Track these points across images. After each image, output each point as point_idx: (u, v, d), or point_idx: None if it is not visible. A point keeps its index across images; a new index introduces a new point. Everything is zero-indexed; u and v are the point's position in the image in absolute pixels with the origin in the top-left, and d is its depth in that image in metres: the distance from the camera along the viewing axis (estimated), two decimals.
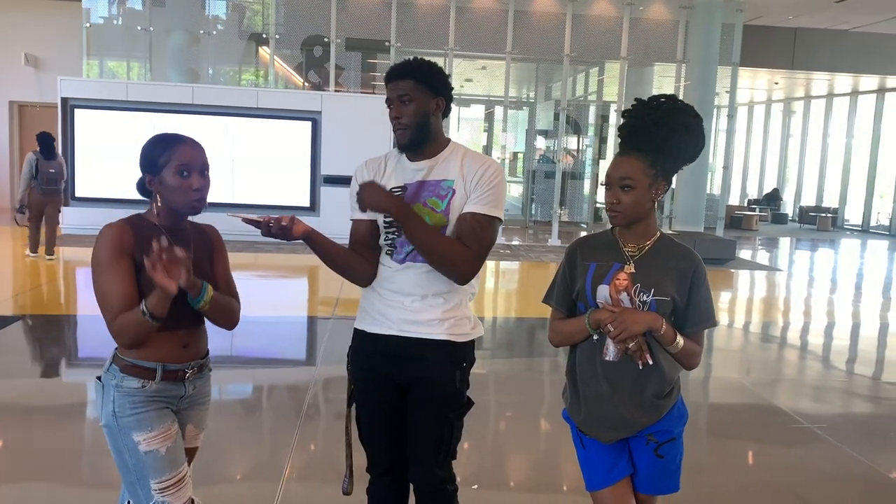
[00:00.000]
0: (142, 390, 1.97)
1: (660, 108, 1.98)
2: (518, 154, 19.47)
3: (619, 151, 2.04)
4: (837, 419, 4.84)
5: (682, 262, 2.04)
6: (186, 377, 2.05)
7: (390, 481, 2.32)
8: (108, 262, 1.92)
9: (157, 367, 1.99)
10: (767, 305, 9.02)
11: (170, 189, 1.98)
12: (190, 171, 1.98)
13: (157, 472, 1.96)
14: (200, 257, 2.08)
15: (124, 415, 1.96)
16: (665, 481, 2.13)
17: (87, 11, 12.97)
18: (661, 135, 1.95)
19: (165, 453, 1.97)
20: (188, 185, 1.98)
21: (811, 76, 18.46)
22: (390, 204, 2.09)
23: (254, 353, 5.72)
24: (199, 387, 2.13)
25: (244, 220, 2.04)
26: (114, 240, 1.93)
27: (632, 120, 2.01)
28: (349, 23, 13.06)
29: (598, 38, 13.71)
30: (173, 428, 2.02)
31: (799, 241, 16.87)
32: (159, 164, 1.98)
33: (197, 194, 2.00)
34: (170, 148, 1.99)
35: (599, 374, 2.04)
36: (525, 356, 6.36)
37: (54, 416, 4.24)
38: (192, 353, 2.07)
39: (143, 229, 1.99)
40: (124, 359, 1.98)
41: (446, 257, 2.10)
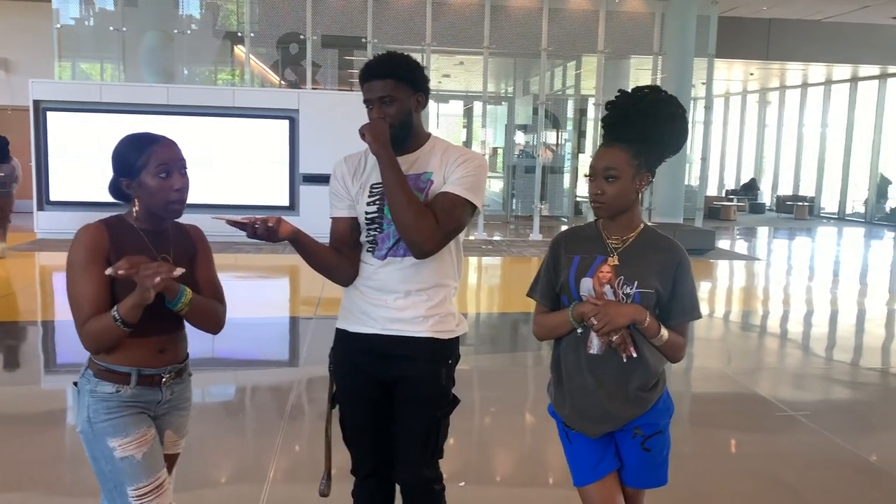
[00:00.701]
0: (116, 395, 1.93)
1: (644, 99, 1.98)
2: (498, 149, 19.49)
3: (603, 142, 2.03)
4: (819, 406, 4.88)
5: (666, 254, 2.03)
6: (163, 382, 2.01)
7: (376, 483, 2.29)
8: (81, 265, 1.87)
9: (132, 371, 1.94)
10: (747, 295, 9.09)
11: (150, 192, 1.93)
12: (170, 172, 1.94)
13: (134, 478, 1.91)
14: (182, 260, 2.03)
15: (99, 420, 1.92)
16: (652, 475, 2.12)
17: (57, 12, 12.75)
18: (646, 125, 1.95)
19: (142, 459, 1.92)
20: (169, 185, 1.94)
21: (785, 66, 18.64)
22: (383, 146, 2.06)
23: (236, 354, 5.67)
24: (178, 392, 2.08)
25: (228, 223, 1.98)
26: (88, 242, 1.89)
27: (616, 111, 2.00)
28: (325, 19, 12.97)
29: (575, 32, 13.73)
30: (150, 433, 1.97)
31: (777, 230, 17.03)
32: (137, 167, 1.93)
33: (178, 194, 1.95)
34: (147, 149, 1.94)
35: (584, 367, 2.03)
36: (509, 351, 6.36)
37: (35, 423, 4.17)
38: (170, 357, 2.02)
39: (120, 231, 1.95)
40: (99, 363, 1.94)
41: (413, 222, 2.04)
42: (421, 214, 2.05)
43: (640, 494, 2.16)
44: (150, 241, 1.98)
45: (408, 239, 2.08)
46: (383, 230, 2.15)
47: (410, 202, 2.05)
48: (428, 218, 2.06)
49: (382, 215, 2.15)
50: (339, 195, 2.24)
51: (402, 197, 2.05)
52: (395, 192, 2.06)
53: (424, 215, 2.06)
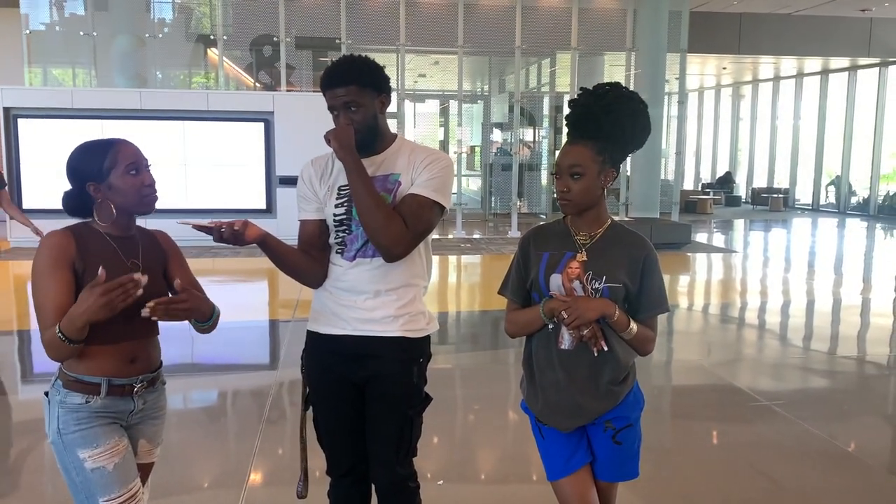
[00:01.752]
0: (86, 406, 1.91)
1: (606, 96, 2.00)
2: (475, 147, 19.51)
3: (568, 140, 2.05)
4: (794, 395, 4.95)
5: (633, 249, 2.06)
6: (135, 392, 1.98)
7: (351, 482, 2.30)
8: (46, 272, 1.85)
9: (101, 381, 1.91)
10: (724, 287, 9.19)
11: (121, 191, 1.94)
12: (139, 169, 1.97)
13: (105, 489, 1.89)
14: (153, 265, 2.02)
15: (68, 431, 1.90)
16: (624, 468, 2.15)
17: (26, 17, 12.61)
18: (609, 121, 1.97)
19: (113, 470, 1.90)
20: (140, 181, 1.96)
21: (758, 60, 18.85)
22: (349, 151, 2.06)
23: (214, 359, 5.63)
24: (151, 401, 2.06)
25: (195, 227, 1.98)
26: (54, 248, 1.87)
27: (579, 108, 2.03)
28: (298, 21, 12.91)
29: (549, 30, 13.79)
30: (121, 444, 1.95)
31: (752, 222, 17.23)
32: (105, 170, 1.93)
33: (149, 189, 1.98)
34: (111, 150, 1.95)
35: (555, 362, 2.05)
36: (489, 349, 6.37)
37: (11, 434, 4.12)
38: (142, 366, 2.00)
39: (87, 238, 1.93)
40: (68, 374, 1.92)
41: (382, 226, 2.05)
42: (389, 218, 2.06)
43: (613, 488, 2.19)
44: (119, 247, 1.97)
45: (377, 243, 2.08)
46: (352, 231, 2.16)
47: (378, 207, 2.06)
48: (396, 221, 2.07)
49: (351, 217, 2.15)
50: (306, 198, 2.24)
51: (369, 202, 2.06)
52: (363, 198, 2.07)
53: (393, 219, 2.06)
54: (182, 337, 5.86)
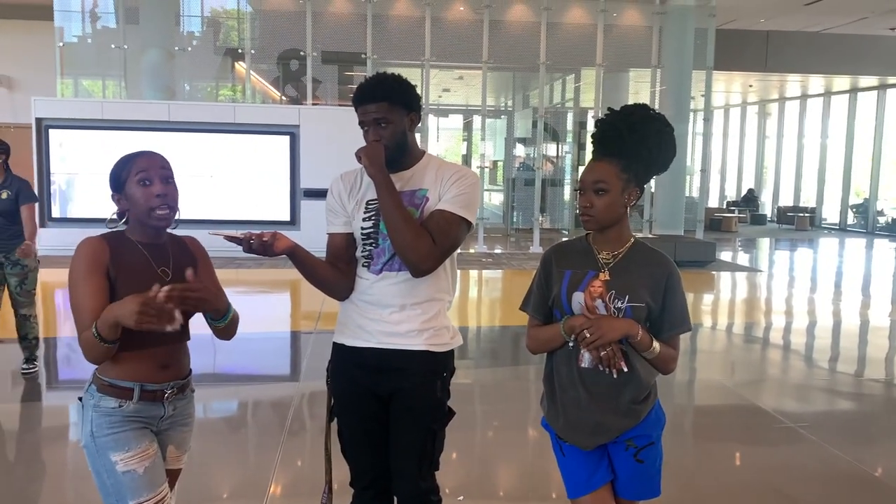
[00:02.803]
0: (119, 410, 1.95)
1: (632, 115, 2.02)
2: (497, 162, 19.55)
3: (593, 157, 2.07)
4: (820, 417, 4.87)
5: (656, 268, 2.05)
6: (165, 398, 2.03)
7: (374, 495, 2.30)
8: (82, 276, 1.91)
9: (134, 386, 1.96)
10: (749, 306, 9.09)
11: (134, 201, 1.99)
12: (151, 180, 1.98)
13: (135, 492, 1.93)
14: (182, 271, 2.04)
15: (101, 434, 1.94)
16: (646, 486, 2.13)
17: (60, 30, 12.88)
18: (634, 140, 1.99)
19: (143, 473, 1.94)
20: (150, 192, 1.97)
21: (785, 78, 18.73)
22: (379, 168, 2.09)
23: (236, 369, 5.68)
24: (181, 408, 2.10)
25: (226, 238, 2.02)
26: (89, 254, 1.93)
27: (605, 126, 2.05)
28: (325, 36, 13.07)
29: (574, 46, 13.81)
30: (151, 448, 1.99)
31: (778, 241, 17.04)
32: (122, 180, 2.00)
33: (159, 200, 1.97)
34: (130, 162, 2.01)
35: (577, 380, 2.05)
36: (509, 364, 6.36)
37: (36, 440, 4.18)
38: (173, 373, 2.05)
39: (120, 245, 1.99)
40: (102, 378, 1.97)
41: (410, 243, 2.08)
42: (417, 235, 2.08)
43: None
44: (150, 255, 2.03)
45: (405, 259, 2.11)
46: (379, 245, 2.18)
47: (407, 223, 2.09)
48: (425, 238, 2.09)
49: (378, 231, 2.18)
50: (335, 211, 2.27)
51: (398, 219, 2.08)
52: (392, 214, 2.09)
53: (421, 235, 2.09)
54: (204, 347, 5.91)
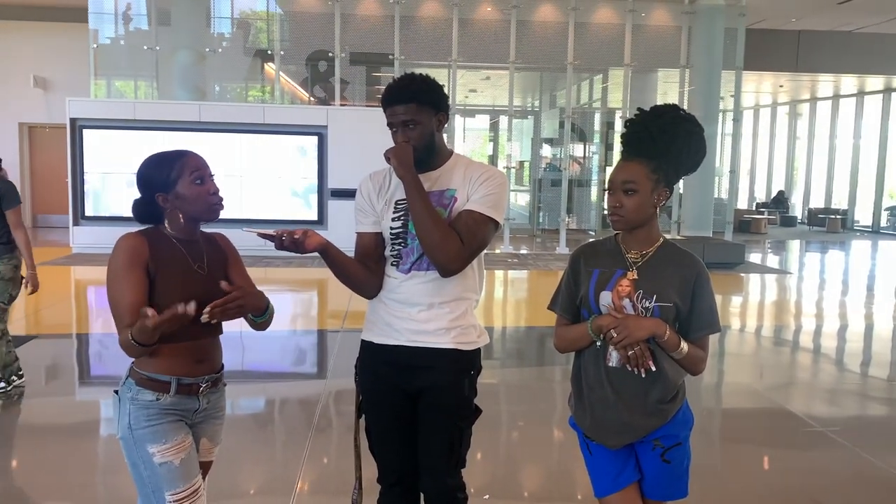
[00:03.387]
0: (156, 403, 2.01)
1: (663, 116, 2.02)
2: (524, 163, 19.51)
3: (623, 157, 2.06)
4: (851, 422, 4.81)
5: (684, 268, 2.04)
6: (200, 391, 2.08)
7: (401, 491, 2.33)
8: (121, 271, 1.95)
9: (171, 380, 2.02)
10: (778, 309, 8.98)
11: (188, 199, 2.05)
12: (203, 178, 2.07)
13: (172, 483, 1.98)
14: (215, 267, 2.13)
15: (139, 427, 1.99)
16: (673, 487, 2.12)
17: (94, 32, 13.12)
18: (665, 141, 1.99)
19: (179, 465, 2.00)
20: (206, 190, 2.06)
21: (816, 78, 18.46)
22: (408, 169, 2.13)
23: (264, 366, 5.74)
24: (214, 401, 2.16)
25: (259, 235, 2.07)
26: (129, 250, 1.98)
27: (635, 127, 2.04)
28: (353, 37, 13.15)
29: (602, 46, 13.75)
30: (187, 440, 2.05)
31: (808, 243, 16.80)
32: (171, 180, 2.04)
33: (216, 197, 2.08)
34: (178, 161, 2.06)
35: (604, 379, 2.05)
36: (535, 365, 6.35)
37: (69, 434, 4.26)
38: (207, 367, 2.10)
39: (159, 241, 2.05)
40: (140, 372, 2.02)
41: (439, 243, 2.10)
42: (446, 235, 2.10)
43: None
44: (186, 251, 2.08)
45: (433, 259, 2.13)
46: (408, 245, 2.20)
47: (436, 224, 2.11)
48: (453, 238, 2.11)
49: (407, 230, 2.20)
50: (364, 211, 2.30)
51: (427, 219, 2.11)
52: (421, 215, 2.12)
53: (449, 236, 2.11)
54: (234, 344, 5.97)
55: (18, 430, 4.33)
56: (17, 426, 4.38)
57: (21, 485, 3.57)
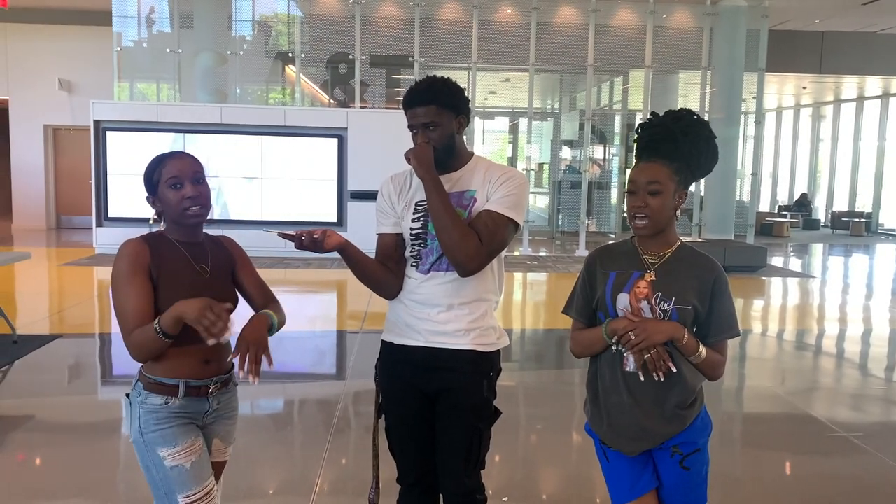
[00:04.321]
0: (165, 407, 2.01)
1: (683, 119, 2.02)
2: (543, 165, 19.46)
3: (643, 158, 2.04)
4: (874, 428, 4.74)
5: (702, 270, 2.03)
6: (210, 393, 2.08)
7: (420, 492, 2.33)
8: (125, 277, 1.96)
9: (179, 383, 2.02)
10: (801, 313, 8.88)
11: (167, 203, 2.04)
12: (182, 182, 2.03)
13: (184, 486, 1.99)
14: (220, 270, 2.13)
15: (149, 430, 2.00)
16: (692, 494, 2.09)
17: (118, 36, 13.27)
18: (686, 143, 1.99)
19: (190, 468, 2.00)
20: (182, 195, 2.03)
21: (840, 80, 18.24)
22: (428, 170, 2.14)
23: (284, 367, 5.77)
24: (225, 402, 2.16)
25: (279, 235, 2.09)
26: (131, 255, 1.98)
27: (657, 129, 2.03)
28: (373, 39, 13.20)
29: (622, 48, 13.69)
30: (198, 443, 2.05)
31: (832, 246, 16.60)
32: (154, 182, 2.05)
33: (190, 202, 2.03)
34: (160, 164, 2.06)
35: (621, 384, 2.03)
36: (554, 368, 6.33)
37: (91, 433, 4.31)
38: (216, 368, 2.09)
39: (160, 245, 2.05)
40: (148, 376, 2.02)
41: (458, 243, 2.10)
42: (465, 235, 2.11)
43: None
44: (189, 253, 2.08)
45: (453, 259, 2.13)
46: (427, 245, 2.21)
47: (455, 224, 2.11)
48: (472, 238, 2.11)
49: (427, 231, 2.21)
50: (385, 212, 2.31)
51: (446, 219, 2.11)
52: (440, 215, 2.12)
53: (468, 236, 2.11)
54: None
55: (41, 428, 4.38)
56: (40, 424, 4.44)
57: (44, 481, 3.62)
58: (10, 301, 7.74)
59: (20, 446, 4.06)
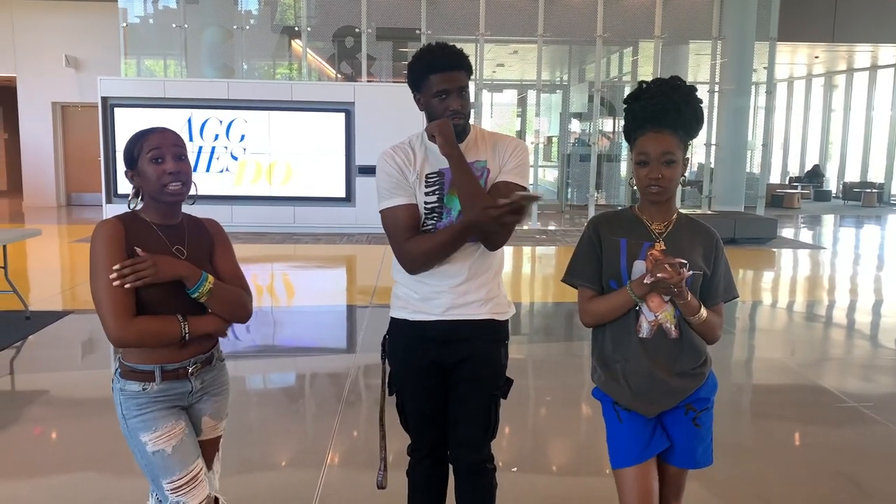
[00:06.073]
0: (144, 392, 1.98)
1: (681, 88, 2.05)
2: (552, 138, 19.34)
3: (651, 129, 2.03)
4: (885, 398, 4.74)
5: (703, 236, 2.12)
6: (190, 374, 2.03)
7: (430, 464, 2.35)
8: (103, 259, 1.90)
9: (154, 369, 1.98)
10: (811, 284, 8.85)
11: (146, 178, 1.97)
12: (163, 157, 1.96)
13: (167, 471, 1.97)
14: (198, 252, 2.06)
15: (131, 416, 1.98)
16: (701, 453, 2.14)
17: (124, 11, 13.21)
18: (689, 112, 2.03)
19: (172, 452, 1.97)
20: (162, 170, 1.95)
21: (853, 48, 17.97)
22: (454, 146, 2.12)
23: (295, 341, 5.81)
24: (210, 380, 2.11)
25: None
26: (107, 237, 1.92)
27: (660, 99, 2.03)
28: (379, 12, 13.09)
29: (632, 18, 13.53)
30: (178, 427, 2.00)
31: (843, 218, 16.49)
32: (134, 156, 1.99)
33: (171, 177, 1.95)
34: (142, 138, 1.99)
35: (639, 350, 2.06)
36: (563, 340, 6.35)
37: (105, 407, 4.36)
38: (194, 349, 2.03)
39: (135, 226, 1.99)
40: (125, 364, 2.00)
41: None
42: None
43: (683, 476, 2.18)
44: (164, 235, 2.02)
45: (480, 237, 2.16)
46: (443, 219, 2.20)
47: (486, 200, 2.10)
48: None
49: (442, 204, 2.19)
50: (401, 185, 2.20)
51: (476, 196, 2.10)
52: (470, 192, 2.11)
53: None
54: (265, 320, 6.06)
55: (56, 402, 4.44)
56: (54, 398, 4.50)
57: (57, 454, 3.67)
58: (22, 278, 7.80)
59: (36, 420, 4.12)
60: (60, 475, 3.43)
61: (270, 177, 11.60)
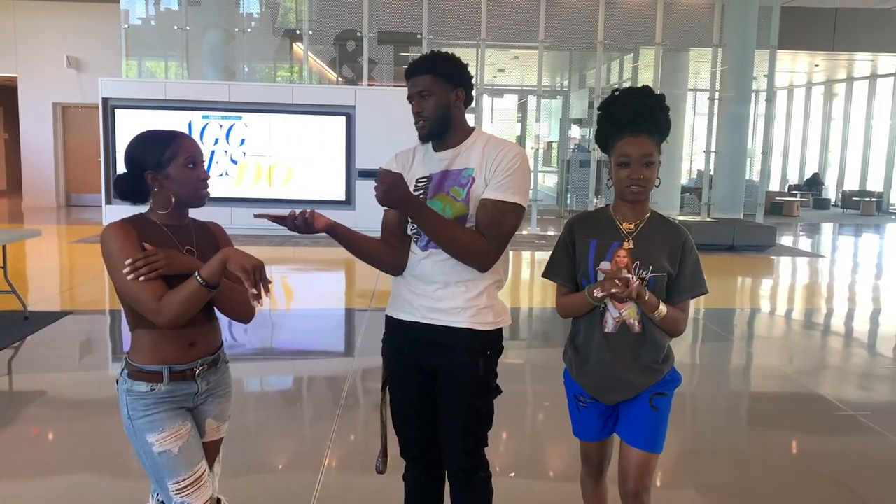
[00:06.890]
0: (151, 393, 1.99)
1: (654, 96, 2.20)
2: (552, 143, 19.36)
3: (628, 133, 2.16)
4: (882, 406, 4.75)
5: (672, 235, 2.22)
6: (197, 375, 2.05)
7: (423, 467, 2.36)
8: (120, 254, 1.90)
9: (162, 369, 1.99)
10: (809, 292, 8.86)
11: (178, 182, 2.00)
12: (196, 163, 2.03)
13: (173, 472, 1.98)
14: (207, 252, 2.07)
15: (137, 417, 1.99)
16: (652, 437, 2.24)
17: (126, 13, 13.23)
18: (663, 117, 2.18)
19: (178, 453, 1.98)
20: (196, 175, 2.02)
21: (853, 57, 18.02)
22: (401, 204, 2.10)
23: (293, 344, 5.81)
24: (215, 381, 2.13)
25: (270, 219, 2.09)
26: (120, 236, 1.93)
27: (638, 106, 2.17)
28: (381, 16, 13.11)
29: (632, 24, 13.56)
30: (184, 427, 2.02)
31: (842, 226, 16.51)
32: (165, 160, 1.99)
33: (204, 184, 2.05)
34: (174, 142, 2.01)
35: (602, 343, 2.23)
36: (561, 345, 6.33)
37: (102, 408, 4.36)
38: (201, 350, 2.06)
39: (144, 227, 2.00)
40: (132, 364, 2.01)
41: (464, 250, 2.13)
42: (471, 241, 2.13)
43: (649, 462, 2.24)
44: (174, 236, 2.04)
45: (468, 264, 2.17)
46: None
47: (455, 233, 2.12)
48: (479, 240, 2.13)
49: None
50: None
51: (446, 234, 2.12)
52: (438, 233, 2.12)
53: (475, 240, 2.13)
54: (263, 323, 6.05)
55: (54, 403, 4.44)
56: (52, 399, 4.49)
57: (56, 455, 3.67)
58: (21, 278, 7.80)
59: (34, 420, 4.12)
60: (59, 476, 3.43)
61: (270, 179, 11.61)
